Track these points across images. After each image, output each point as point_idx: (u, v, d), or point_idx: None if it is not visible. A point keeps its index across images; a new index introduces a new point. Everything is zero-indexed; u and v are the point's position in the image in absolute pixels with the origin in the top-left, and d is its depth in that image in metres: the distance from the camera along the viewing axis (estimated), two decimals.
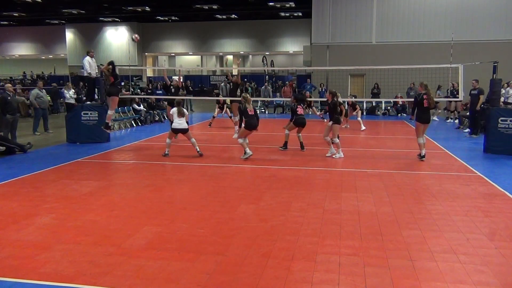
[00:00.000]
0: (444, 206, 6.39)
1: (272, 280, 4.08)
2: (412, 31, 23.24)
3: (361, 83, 24.37)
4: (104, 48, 39.51)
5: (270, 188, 7.43)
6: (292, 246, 4.88)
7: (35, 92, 14.70)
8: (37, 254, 4.67)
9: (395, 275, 4.17)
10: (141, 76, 39.46)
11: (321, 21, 24.03)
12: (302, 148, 10.96)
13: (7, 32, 42.54)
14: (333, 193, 7.10)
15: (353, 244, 4.95)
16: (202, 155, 10.17)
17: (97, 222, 5.73)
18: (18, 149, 10.83)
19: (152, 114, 18.18)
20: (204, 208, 6.35)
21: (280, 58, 46.93)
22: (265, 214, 6.03)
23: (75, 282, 4.04)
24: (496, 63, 11.05)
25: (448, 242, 5.00)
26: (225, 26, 38.33)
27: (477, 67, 13.50)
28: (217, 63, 49.49)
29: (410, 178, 8.20)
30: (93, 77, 13.25)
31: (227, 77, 19.96)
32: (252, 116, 9.89)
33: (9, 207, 6.39)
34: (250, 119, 9.88)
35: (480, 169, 8.93)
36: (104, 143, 12.32)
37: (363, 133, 14.68)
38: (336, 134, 10.08)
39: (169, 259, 4.55)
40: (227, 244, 4.95)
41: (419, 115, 9.86)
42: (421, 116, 9.83)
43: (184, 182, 7.97)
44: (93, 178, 8.29)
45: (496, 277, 4.15)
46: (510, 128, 10.56)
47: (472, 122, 13.72)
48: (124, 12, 34.78)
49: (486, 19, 22.34)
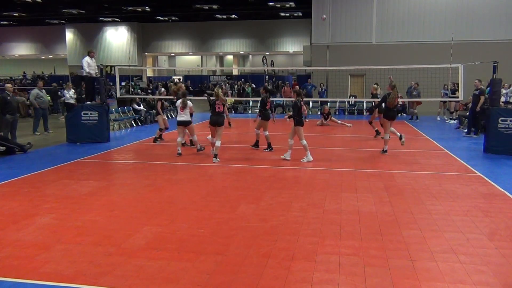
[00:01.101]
0: (444, 206, 6.39)
1: (272, 280, 4.08)
2: (412, 31, 23.24)
3: (361, 83, 24.37)
4: (104, 48, 39.52)
5: (270, 188, 7.43)
6: (292, 246, 4.88)
7: (35, 92, 14.70)
8: (37, 254, 4.67)
9: (395, 275, 4.17)
10: (141, 76, 39.48)
11: (321, 21, 24.02)
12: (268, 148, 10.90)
13: (7, 32, 42.55)
14: (333, 193, 7.10)
15: (353, 244, 4.95)
16: (203, 149, 10.53)
17: (97, 222, 5.73)
18: (18, 149, 10.83)
19: (152, 114, 18.18)
20: (204, 208, 6.35)
21: (280, 58, 46.92)
22: (265, 214, 6.03)
23: (75, 282, 4.04)
24: (496, 63, 11.05)
25: (448, 242, 5.00)
26: (225, 26, 38.33)
27: (477, 67, 13.50)
28: (217, 63, 49.52)
29: (410, 178, 8.20)
30: (93, 77, 13.24)
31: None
32: (216, 113, 9.62)
33: (9, 207, 6.39)
34: (212, 115, 9.70)
35: (480, 169, 8.92)
36: (104, 143, 12.33)
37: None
38: (301, 137, 9.59)
39: (169, 259, 4.55)
40: (227, 244, 4.94)
41: (387, 112, 10.60)
42: (388, 114, 10.58)
43: (184, 182, 7.97)
44: (93, 178, 8.29)
45: (496, 277, 4.15)
46: (510, 128, 10.55)
47: (471, 122, 13.72)
48: (124, 12, 34.78)
49: (486, 19, 22.34)
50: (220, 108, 9.61)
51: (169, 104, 18.63)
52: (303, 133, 9.65)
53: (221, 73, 41.85)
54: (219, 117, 9.67)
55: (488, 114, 10.97)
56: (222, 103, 9.62)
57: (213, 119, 9.67)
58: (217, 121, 9.65)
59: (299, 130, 9.58)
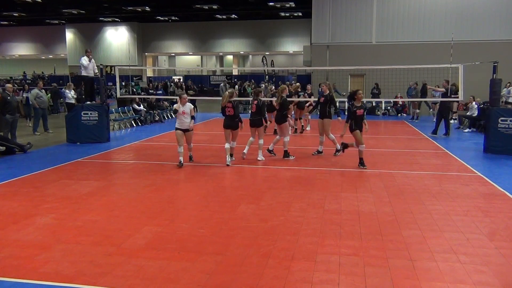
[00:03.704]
0: (444, 206, 6.39)
1: (272, 280, 4.08)
2: (412, 31, 23.22)
3: (361, 83, 24.34)
4: (104, 48, 39.51)
5: (270, 188, 7.43)
6: (292, 246, 4.88)
7: (35, 92, 14.70)
8: (37, 254, 4.67)
9: (395, 275, 4.17)
10: (141, 76, 39.47)
11: (321, 21, 24.01)
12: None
13: (7, 32, 42.52)
14: (333, 193, 7.10)
15: (353, 244, 4.95)
16: (192, 160, 9.63)
17: (97, 222, 5.73)
18: (18, 149, 10.83)
19: (152, 114, 18.19)
20: (204, 208, 6.35)
21: (280, 58, 46.90)
22: (265, 214, 6.03)
23: (75, 282, 4.04)
24: (496, 63, 11.05)
25: (448, 242, 5.00)
26: (225, 26, 38.31)
27: (477, 67, 13.49)
28: (217, 63, 49.53)
29: (410, 178, 8.20)
30: (92, 77, 13.23)
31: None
32: (227, 116, 9.28)
33: (9, 207, 6.39)
34: (225, 119, 9.37)
35: (480, 169, 8.92)
36: (104, 143, 12.33)
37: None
38: (261, 136, 9.79)
39: (169, 259, 4.55)
40: (227, 244, 4.94)
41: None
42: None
43: (184, 182, 7.97)
44: (93, 178, 8.29)
45: (496, 277, 4.15)
46: (510, 128, 10.55)
47: (438, 123, 14.08)
48: (124, 12, 34.76)
49: (486, 19, 22.32)
50: (231, 112, 9.23)
51: (169, 104, 18.62)
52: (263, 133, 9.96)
53: (221, 73, 41.84)
54: (232, 121, 9.27)
55: (488, 114, 10.96)
56: (232, 106, 9.22)
57: (227, 123, 9.34)
58: (231, 125, 9.30)
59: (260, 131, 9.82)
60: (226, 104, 9.22)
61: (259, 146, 9.79)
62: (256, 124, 9.69)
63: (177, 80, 36.92)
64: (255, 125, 9.72)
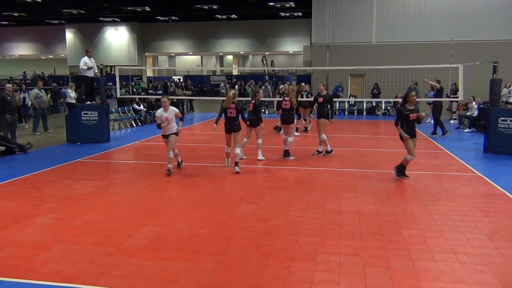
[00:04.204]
0: (444, 206, 6.39)
1: (272, 280, 4.08)
2: (412, 31, 23.23)
3: (361, 83, 24.36)
4: (104, 48, 39.50)
5: (270, 188, 7.43)
6: (292, 246, 4.88)
7: (35, 92, 14.69)
8: (37, 254, 4.67)
9: (395, 275, 4.17)
10: (141, 76, 39.47)
11: (321, 21, 24.02)
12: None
13: (7, 32, 42.50)
14: (333, 193, 7.10)
15: (353, 244, 4.95)
16: (179, 167, 9.11)
17: (97, 222, 5.73)
18: (18, 149, 10.83)
19: (152, 114, 18.16)
20: (204, 208, 6.35)
21: (280, 58, 46.90)
22: (265, 214, 6.03)
23: (75, 282, 4.04)
24: (496, 63, 11.05)
25: (448, 242, 5.00)
26: (225, 26, 38.30)
27: (477, 67, 13.50)
28: (217, 63, 49.52)
29: (410, 178, 8.20)
30: (92, 77, 13.22)
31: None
32: (228, 118, 8.89)
33: (9, 207, 6.39)
34: (226, 122, 8.96)
35: (480, 169, 8.92)
36: (104, 143, 12.32)
37: (364, 133, 14.65)
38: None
39: (169, 259, 4.55)
40: (227, 244, 4.94)
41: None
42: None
43: (184, 182, 7.97)
44: (93, 178, 8.29)
45: (496, 277, 4.15)
46: (510, 128, 10.55)
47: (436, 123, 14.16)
48: (124, 12, 34.76)
49: (486, 19, 22.34)
50: (233, 113, 8.83)
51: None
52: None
53: (221, 73, 41.82)
54: (233, 123, 8.86)
55: (488, 114, 10.96)
56: (235, 107, 8.82)
57: (228, 126, 8.91)
58: (232, 128, 8.87)
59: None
60: (229, 105, 8.86)
61: (258, 145, 9.77)
62: (253, 123, 9.66)
63: (177, 80, 36.92)
64: (252, 124, 9.68)
